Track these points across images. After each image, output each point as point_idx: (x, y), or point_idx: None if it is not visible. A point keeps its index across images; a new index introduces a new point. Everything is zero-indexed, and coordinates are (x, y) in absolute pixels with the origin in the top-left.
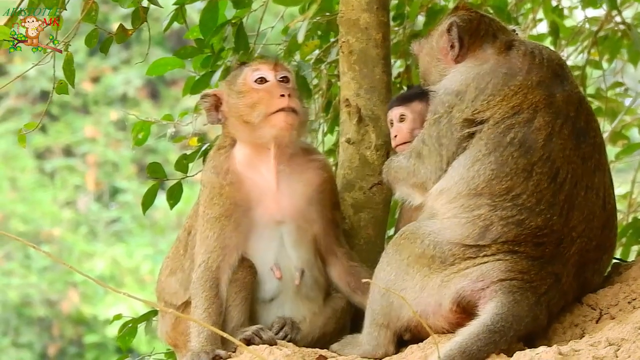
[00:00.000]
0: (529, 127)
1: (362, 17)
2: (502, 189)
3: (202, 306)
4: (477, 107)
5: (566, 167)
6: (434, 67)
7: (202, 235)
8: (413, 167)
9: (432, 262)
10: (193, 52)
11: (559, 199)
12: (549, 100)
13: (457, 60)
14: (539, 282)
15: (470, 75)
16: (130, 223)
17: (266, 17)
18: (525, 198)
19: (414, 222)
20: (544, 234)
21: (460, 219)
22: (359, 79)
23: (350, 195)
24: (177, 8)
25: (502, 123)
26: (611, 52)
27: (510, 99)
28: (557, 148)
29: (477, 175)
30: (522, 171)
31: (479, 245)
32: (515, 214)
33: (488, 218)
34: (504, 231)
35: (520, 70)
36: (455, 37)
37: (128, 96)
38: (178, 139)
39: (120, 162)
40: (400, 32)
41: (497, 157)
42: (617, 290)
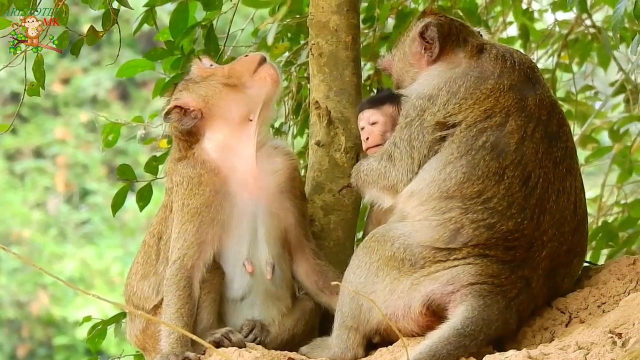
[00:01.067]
0: (501, 131)
1: (332, 19)
2: (473, 192)
3: (175, 306)
4: (449, 110)
5: (538, 171)
6: (406, 73)
7: (180, 229)
8: (384, 169)
9: (402, 265)
10: (163, 53)
11: (530, 203)
12: (520, 103)
13: (430, 63)
14: (510, 286)
15: (442, 79)
16: (100, 225)
17: (236, 19)
18: (497, 202)
19: (384, 224)
20: (515, 237)
21: (431, 221)
22: (328, 82)
23: (320, 198)
24: (148, 10)
25: (474, 127)
26: (581, 55)
27: (482, 103)
28: (529, 152)
29: (449, 177)
30: (493, 174)
31: (450, 248)
32: (486, 218)
33: (459, 221)
34: (475, 234)
35: (492, 73)
36: (434, 36)
37: (98, 98)
38: (148, 140)
39: (90, 163)
40: (370, 34)
41: (469, 160)
42: (587, 293)
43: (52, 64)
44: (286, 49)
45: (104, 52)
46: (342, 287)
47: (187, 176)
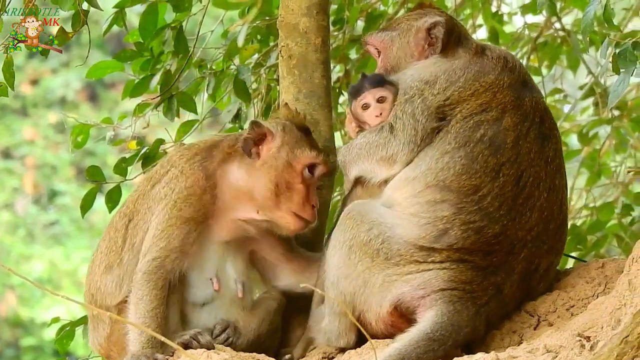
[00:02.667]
0: (497, 126)
1: (301, 21)
2: (470, 186)
3: (151, 304)
4: (448, 96)
5: (529, 170)
6: (403, 61)
7: (165, 227)
8: (384, 139)
9: (376, 255)
10: (133, 55)
11: (517, 203)
12: (517, 102)
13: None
14: (481, 293)
15: (441, 68)
16: (68, 226)
17: (206, 20)
18: (490, 200)
19: (363, 200)
20: (498, 241)
21: (420, 218)
22: (298, 83)
23: None
24: (117, 11)
25: (470, 119)
26: (550, 58)
27: (479, 96)
28: (524, 151)
29: (447, 167)
30: (490, 170)
31: (431, 248)
32: (477, 220)
33: (450, 221)
34: (462, 237)
35: (493, 70)
36: (439, 36)
37: (67, 99)
38: (117, 142)
39: (59, 164)
40: (340, 36)
41: (468, 153)
42: (556, 297)
43: (21, 64)
44: (256, 51)
45: (73, 53)
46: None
47: (194, 178)
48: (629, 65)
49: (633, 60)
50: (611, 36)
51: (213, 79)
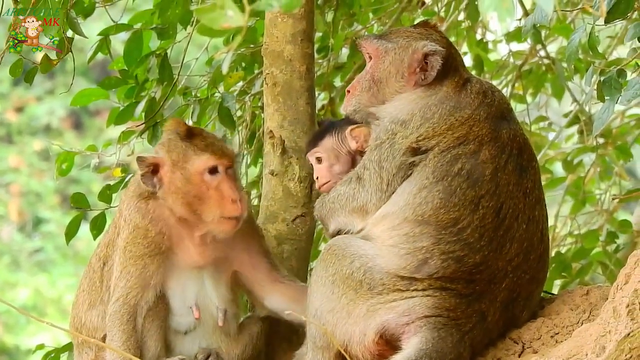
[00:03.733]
0: (475, 159)
1: (286, 49)
2: (449, 220)
3: (120, 339)
4: (421, 133)
5: (509, 202)
6: (394, 80)
7: (122, 269)
8: (353, 191)
9: (359, 286)
10: (117, 82)
11: (497, 234)
12: (494, 134)
13: (417, 85)
14: (465, 320)
15: (418, 105)
16: (53, 253)
17: (190, 48)
18: (470, 232)
19: (343, 236)
20: (479, 270)
21: (400, 248)
22: (282, 111)
23: (274, 227)
24: (102, 39)
25: (447, 152)
26: (535, 86)
27: (455, 129)
28: (502, 182)
29: (425, 202)
30: (469, 203)
31: (413, 278)
32: (456, 250)
33: (429, 251)
34: (442, 266)
35: (469, 105)
36: (435, 67)
37: (52, 126)
38: (102, 169)
39: (44, 192)
40: (324, 64)
41: (446, 187)
42: (540, 324)
43: (6, 92)
44: (240, 78)
45: (57, 81)
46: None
47: (133, 222)
48: (614, 92)
49: (617, 88)
50: (596, 64)
51: (198, 106)
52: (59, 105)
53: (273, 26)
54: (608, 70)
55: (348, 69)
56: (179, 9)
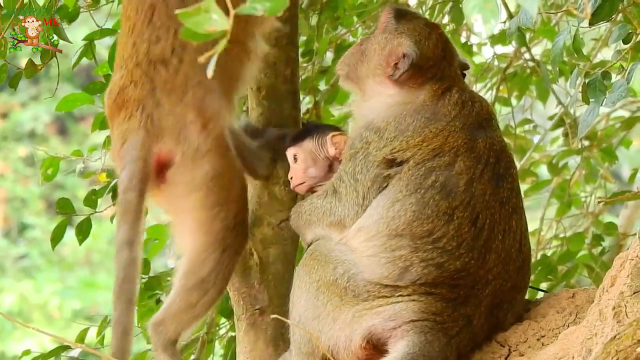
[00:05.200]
0: (450, 171)
1: (270, 52)
2: (423, 232)
3: None
4: (395, 146)
5: (485, 212)
6: (374, 63)
7: None
8: (329, 205)
9: (344, 293)
10: (102, 87)
11: (477, 244)
12: (470, 144)
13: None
14: (451, 324)
15: (393, 113)
16: (38, 259)
17: None
18: (446, 241)
19: (323, 240)
20: (461, 276)
21: (380, 258)
22: (267, 115)
23: (259, 231)
24: (87, 44)
25: (422, 165)
26: (520, 88)
27: (430, 141)
28: (478, 193)
29: (397, 216)
30: (443, 214)
31: (397, 286)
32: (435, 257)
33: (409, 259)
34: (423, 273)
35: (445, 116)
36: (403, 68)
37: (37, 132)
38: (87, 174)
39: (29, 198)
40: (309, 68)
41: (419, 199)
42: (526, 327)
43: None
44: None
45: (42, 87)
46: (290, 313)
47: None
48: (599, 95)
49: (602, 90)
50: (580, 66)
51: None
52: (44, 111)
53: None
54: (593, 73)
55: (333, 73)
56: None
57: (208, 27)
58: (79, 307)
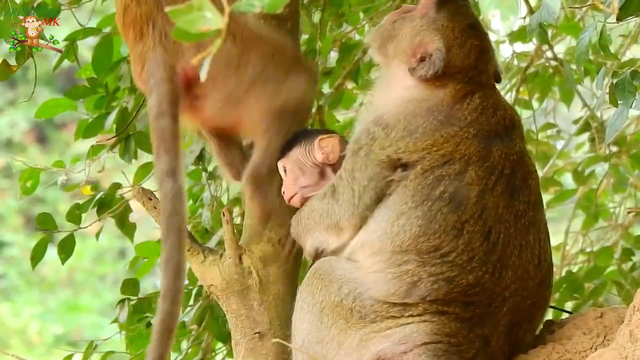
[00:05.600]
0: (460, 181)
1: None
2: (429, 247)
3: None
4: (400, 147)
5: (498, 226)
6: (402, 47)
7: None
8: (327, 206)
9: (350, 315)
10: (86, 92)
11: (491, 258)
12: (483, 153)
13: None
14: (467, 346)
15: (407, 110)
16: (16, 279)
17: None
18: (456, 256)
19: (327, 258)
20: (475, 292)
21: (386, 273)
22: None
23: (259, 248)
24: (68, 44)
25: (430, 173)
26: (542, 90)
27: (440, 146)
28: (490, 206)
29: (402, 231)
30: (451, 229)
31: (405, 303)
32: (445, 271)
33: (416, 274)
34: (433, 288)
35: (460, 121)
36: (431, 68)
37: (14, 141)
38: (70, 187)
39: (6, 213)
40: None
41: (425, 212)
42: (550, 350)
43: None
44: None
45: (19, 91)
46: (293, 336)
47: None
48: (628, 96)
49: (632, 91)
50: (608, 65)
51: None
52: (22, 117)
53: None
54: (621, 72)
55: (337, 74)
56: None
57: (201, 26)
58: (61, 331)
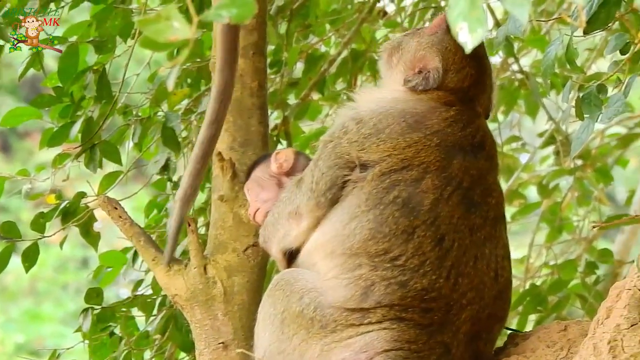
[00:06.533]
0: (415, 187)
1: None
2: (378, 250)
3: None
4: (365, 147)
5: (452, 235)
6: (400, 63)
7: None
8: (290, 193)
9: (311, 325)
10: (51, 101)
11: (445, 264)
12: (443, 163)
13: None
14: (427, 352)
15: (381, 107)
16: None
17: (131, 64)
18: (406, 260)
19: (290, 269)
20: (432, 297)
21: (342, 279)
22: (232, 131)
23: (223, 258)
24: (34, 53)
25: (387, 177)
26: (507, 103)
27: (401, 150)
28: (444, 215)
29: (353, 234)
30: (402, 233)
31: (363, 308)
32: (397, 275)
33: (369, 278)
34: (387, 292)
35: (426, 128)
36: (415, 84)
37: None
38: (34, 196)
39: None
40: (277, 80)
41: (377, 215)
42: None
43: None
44: (186, 96)
45: None
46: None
47: None
48: (594, 110)
49: (598, 105)
50: (574, 79)
51: (139, 126)
52: None
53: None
54: (587, 86)
55: (303, 85)
56: (118, 20)
57: (169, 36)
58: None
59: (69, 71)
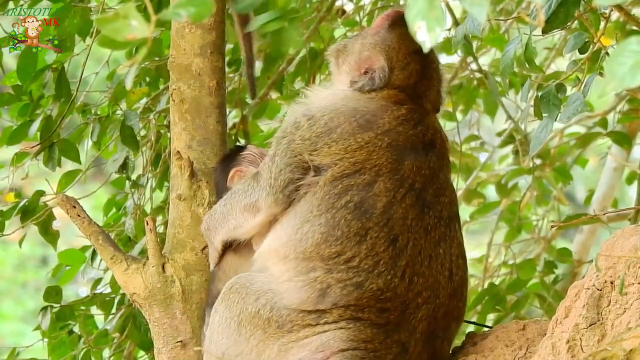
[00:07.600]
0: (367, 192)
1: (194, 62)
2: (331, 253)
3: None
4: (316, 148)
5: (406, 235)
6: (346, 64)
7: None
8: (247, 186)
9: (267, 325)
10: (10, 99)
11: (399, 264)
12: (394, 165)
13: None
14: (384, 352)
15: (333, 104)
16: None
17: (89, 62)
18: (359, 261)
19: (245, 273)
20: (388, 297)
21: (296, 282)
22: (191, 130)
23: (182, 257)
24: None
25: (340, 182)
26: (466, 102)
27: (353, 153)
28: (397, 216)
29: (305, 238)
30: (354, 235)
31: (319, 310)
32: (352, 277)
33: (325, 281)
34: (343, 294)
35: (377, 128)
36: (361, 85)
37: None
38: None
39: None
40: (236, 79)
41: (328, 219)
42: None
43: None
44: (144, 95)
45: None
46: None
47: None
48: (552, 109)
49: (556, 104)
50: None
51: (97, 125)
52: None
53: (180, 37)
54: (546, 85)
55: (262, 84)
56: (77, 19)
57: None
58: None
59: (28, 70)
